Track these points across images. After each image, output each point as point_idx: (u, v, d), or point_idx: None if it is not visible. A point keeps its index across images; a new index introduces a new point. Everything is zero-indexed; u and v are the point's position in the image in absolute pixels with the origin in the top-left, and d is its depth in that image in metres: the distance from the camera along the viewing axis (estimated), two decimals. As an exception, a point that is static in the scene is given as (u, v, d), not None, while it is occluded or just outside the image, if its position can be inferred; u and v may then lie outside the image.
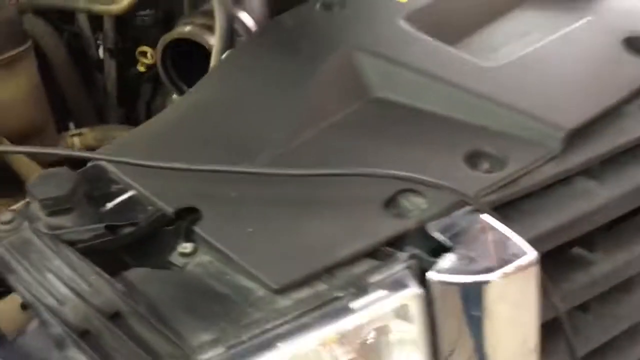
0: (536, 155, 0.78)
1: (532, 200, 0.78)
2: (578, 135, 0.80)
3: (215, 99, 0.88)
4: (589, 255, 0.85)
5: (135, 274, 0.70)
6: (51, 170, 0.73)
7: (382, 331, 0.64)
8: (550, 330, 0.79)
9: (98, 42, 1.45)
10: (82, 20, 1.44)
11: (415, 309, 0.65)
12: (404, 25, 0.93)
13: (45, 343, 0.62)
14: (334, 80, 0.86)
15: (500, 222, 0.71)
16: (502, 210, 0.75)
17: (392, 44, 0.90)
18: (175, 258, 0.72)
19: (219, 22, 1.00)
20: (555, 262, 0.83)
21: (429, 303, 0.66)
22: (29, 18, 1.34)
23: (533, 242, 0.73)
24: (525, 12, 1.01)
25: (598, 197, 0.80)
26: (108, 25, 1.38)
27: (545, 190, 0.79)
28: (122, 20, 1.38)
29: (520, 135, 0.80)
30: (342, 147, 0.79)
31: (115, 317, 0.64)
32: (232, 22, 1.02)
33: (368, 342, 0.63)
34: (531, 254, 0.67)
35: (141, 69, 1.38)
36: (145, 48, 1.35)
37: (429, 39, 0.91)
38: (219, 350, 0.58)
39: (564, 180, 0.80)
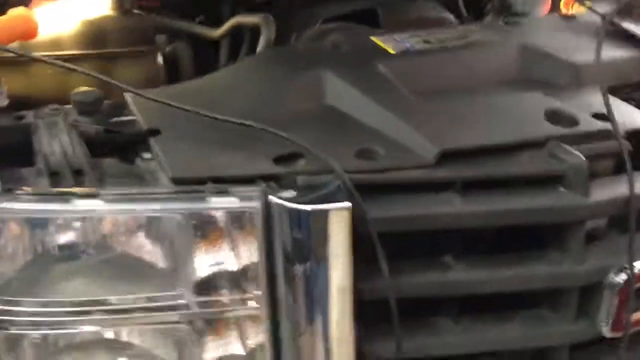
0: (410, 161, 1.00)
1: (403, 194, 1.00)
2: (455, 157, 1.00)
3: (226, 82, 1.23)
4: (452, 262, 1.02)
5: (107, 161, 1.04)
6: (88, 88, 1.12)
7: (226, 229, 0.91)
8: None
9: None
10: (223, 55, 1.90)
11: (257, 219, 0.91)
12: (379, 66, 1.21)
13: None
14: (306, 86, 1.16)
15: (355, 192, 0.94)
16: (374, 191, 0.97)
17: (359, 74, 1.17)
18: (137, 161, 1.06)
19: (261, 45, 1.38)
20: (422, 261, 1.03)
21: (269, 221, 0.91)
22: (180, 44, 1.83)
23: (386, 221, 0.96)
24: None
25: (455, 207, 0.99)
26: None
27: (417, 192, 1.00)
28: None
29: (407, 145, 1.02)
30: (282, 124, 1.07)
31: (77, 172, 0.98)
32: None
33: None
34: (346, 204, 0.90)
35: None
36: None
37: (390, 78, 1.17)
38: (112, 191, 0.90)
39: (435, 189, 1.00)
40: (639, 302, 1.09)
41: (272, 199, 0.91)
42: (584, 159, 1.01)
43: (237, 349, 1.02)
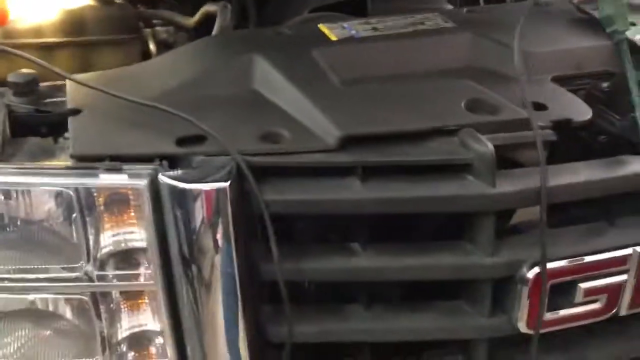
0: (313, 145, 0.99)
1: (304, 178, 0.99)
2: (360, 143, 0.99)
3: (165, 65, 1.25)
4: (358, 249, 1.01)
5: (30, 139, 1.09)
6: (24, 70, 1.17)
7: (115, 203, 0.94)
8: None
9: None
10: None
11: (146, 196, 0.93)
12: (313, 53, 1.20)
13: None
14: (236, 69, 1.17)
15: (248, 173, 0.95)
16: (274, 174, 0.97)
17: (289, 60, 1.17)
18: (60, 140, 1.09)
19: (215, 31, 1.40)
20: (329, 247, 1.02)
21: (157, 198, 0.94)
22: (179, 32, 1.88)
23: (279, 203, 0.96)
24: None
25: (354, 193, 0.97)
26: None
27: (319, 176, 0.99)
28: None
29: (314, 130, 1.01)
30: (202, 106, 1.09)
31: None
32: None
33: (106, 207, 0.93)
34: (224, 184, 0.91)
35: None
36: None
37: (321, 65, 1.16)
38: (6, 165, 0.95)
39: (338, 175, 0.99)
40: (559, 299, 1.04)
41: (160, 177, 0.93)
42: (490, 147, 0.98)
43: (152, 324, 1.05)
